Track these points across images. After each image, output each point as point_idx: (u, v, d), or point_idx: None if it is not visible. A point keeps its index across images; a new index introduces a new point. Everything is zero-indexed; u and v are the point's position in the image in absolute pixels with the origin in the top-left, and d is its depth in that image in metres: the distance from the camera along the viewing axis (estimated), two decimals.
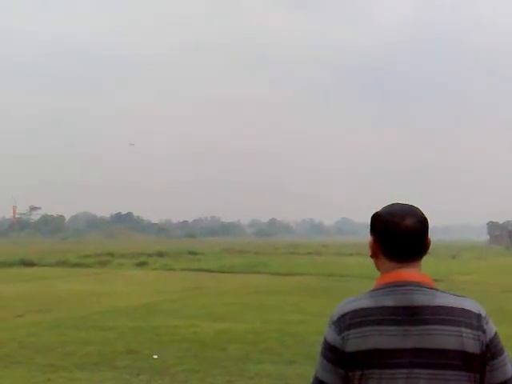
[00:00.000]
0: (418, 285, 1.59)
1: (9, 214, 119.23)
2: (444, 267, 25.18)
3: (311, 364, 1.73)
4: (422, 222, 1.65)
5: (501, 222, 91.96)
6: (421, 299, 1.56)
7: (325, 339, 1.62)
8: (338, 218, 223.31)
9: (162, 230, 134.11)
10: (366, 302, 1.59)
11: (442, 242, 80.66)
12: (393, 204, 1.70)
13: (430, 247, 1.72)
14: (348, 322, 1.57)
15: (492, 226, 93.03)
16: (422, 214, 1.67)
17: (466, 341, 1.51)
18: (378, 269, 1.69)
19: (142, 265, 29.84)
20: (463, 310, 1.56)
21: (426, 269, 1.68)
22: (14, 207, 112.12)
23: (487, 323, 1.56)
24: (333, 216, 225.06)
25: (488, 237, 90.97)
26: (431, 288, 1.60)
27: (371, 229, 1.70)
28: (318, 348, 1.66)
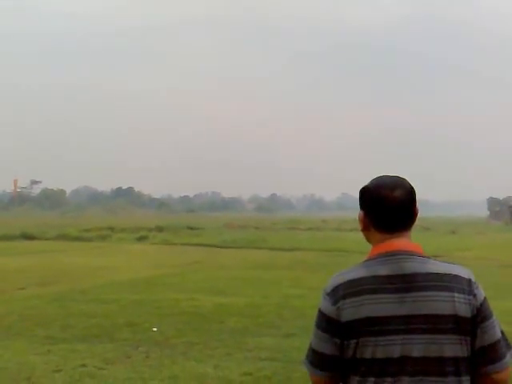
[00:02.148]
0: (410, 253, 1.63)
1: (10, 188, 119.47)
2: (443, 243, 25.31)
3: (309, 337, 1.73)
4: (410, 193, 1.68)
5: (501, 197, 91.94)
6: (413, 267, 1.60)
7: (319, 310, 1.66)
8: (338, 193, 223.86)
9: (162, 204, 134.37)
10: (359, 273, 1.62)
11: (441, 217, 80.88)
12: (380, 176, 1.72)
13: (430, 223, 1.74)
14: (342, 292, 1.60)
15: (492, 202, 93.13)
16: (410, 184, 1.70)
17: (458, 305, 1.56)
18: (369, 241, 1.73)
19: (142, 239, 29.98)
20: (454, 275, 1.60)
21: (425, 244, 1.68)
22: (15, 181, 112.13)
23: (477, 288, 1.62)
24: (333, 191, 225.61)
25: (488, 212, 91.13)
26: (422, 256, 1.64)
27: (360, 202, 1.73)
28: (314, 320, 1.66)
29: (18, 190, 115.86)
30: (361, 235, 1.78)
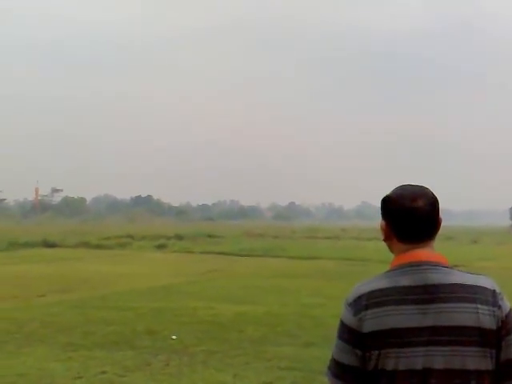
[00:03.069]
0: (433, 264, 1.60)
1: (31, 196, 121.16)
2: (465, 253, 24.97)
3: (329, 347, 1.71)
4: (433, 203, 1.65)
5: None
6: (436, 277, 1.57)
7: (341, 321, 1.64)
8: (358, 202, 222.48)
9: (181, 212, 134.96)
10: (381, 283, 1.60)
11: (463, 227, 79.90)
12: (402, 186, 1.70)
13: (451, 232, 1.72)
14: (364, 303, 1.58)
15: None
16: (432, 194, 1.67)
17: (482, 317, 1.53)
18: (392, 251, 1.70)
19: (161, 247, 30.11)
20: (478, 286, 1.57)
21: (446, 254, 1.66)
22: (37, 189, 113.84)
23: (502, 299, 1.58)
24: (353, 200, 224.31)
25: (510, 222, 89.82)
26: (445, 266, 1.61)
27: (382, 212, 1.70)
28: (336, 331, 1.66)
29: (39, 198, 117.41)
30: (381, 244, 1.76)
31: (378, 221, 1.73)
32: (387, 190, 1.70)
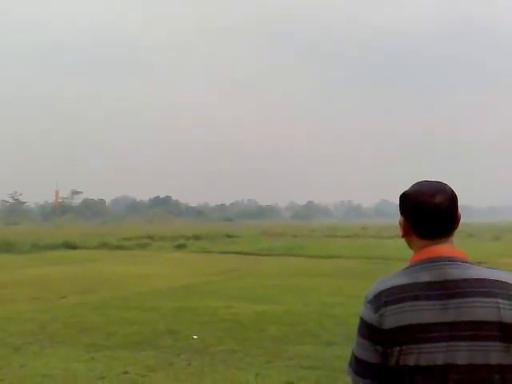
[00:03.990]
0: (452, 259, 1.59)
1: (52, 199, 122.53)
2: (487, 249, 24.70)
3: (350, 346, 1.71)
4: (451, 198, 1.64)
5: None
6: (456, 273, 1.56)
7: (361, 318, 1.64)
8: (377, 199, 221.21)
9: (199, 213, 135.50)
10: (401, 279, 1.60)
11: (484, 223, 78.98)
12: (421, 182, 1.70)
13: (472, 229, 1.71)
14: (384, 299, 1.58)
15: None
16: (451, 189, 1.66)
17: (503, 311, 1.52)
18: (411, 247, 1.70)
19: (180, 247, 30.26)
20: (498, 281, 1.56)
21: (468, 251, 1.65)
22: (57, 192, 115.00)
23: None
24: (372, 198, 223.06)
25: None
26: (465, 262, 1.60)
27: (401, 208, 1.70)
28: (356, 328, 1.65)
29: (60, 201, 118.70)
30: (401, 242, 1.76)
31: (397, 218, 1.73)
32: (406, 187, 1.70)
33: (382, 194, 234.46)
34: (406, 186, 1.70)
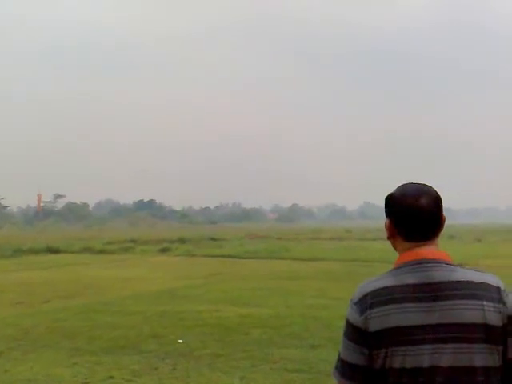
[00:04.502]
0: (437, 261, 1.60)
1: (34, 203, 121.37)
2: (469, 251, 24.93)
3: (335, 348, 1.72)
4: (436, 201, 1.66)
5: None
6: (441, 275, 1.58)
7: (347, 320, 1.64)
8: (360, 202, 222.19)
9: (183, 216, 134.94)
10: (387, 281, 1.60)
11: (466, 225, 79.75)
12: (405, 184, 1.70)
13: (454, 231, 1.72)
14: (370, 301, 1.58)
15: None
16: (436, 192, 1.68)
17: (488, 314, 1.53)
18: (396, 249, 1.71)
19: (164, 251, 30.11)
20: (483, 283, 1.57)
21: (450, 253, 1.67)
22: (39, 195, 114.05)
23: (507, 296, 1.58)
24: (355, 201, 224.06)
25: None
26: (450, 264, 1.61)
27: (386, 210, 1.71)
28: (342, 330, 1.66)
29: (42, 205, 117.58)
30: (385, 245, 1.77)
31: (381, 221, 1.74)
32: (390, 190, 1.71)
33: (365, 196, 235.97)
34: (389, 189, 1.71)
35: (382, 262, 18.45)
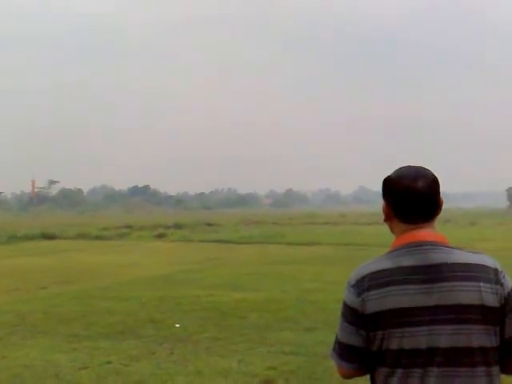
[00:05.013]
0: (435, 243, 1.62)
1: (28, 189, 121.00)
2: (463, 234, 25.08)
3: (331, 331, 1.74)
4: (434, 183, 1.67)
5: None
6: (438, 257, 1.59)
7: (344, 302, 1.65)
8: (355, 187, 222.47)
9: (178, 202, 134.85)
10: (384, 264, 1.62)
11: (461, 209, 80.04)
12: (403, 167, 1.71)
13: (449, 215, 1.74)
14: (367, 283, 1.60)
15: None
16: (433, 174, 1.69)
17: (485, 295, 1.55)
18: (393, 232, 1.72)
19: (160, 237, 30.15)
20: (480, 265, 1.59)
21: (446, 236, 1.67)
22: (33, 181, 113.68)
23: (504, 277, 1.60)
24: (350, 185, 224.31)
25: (508, 203, 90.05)
26: (447, 246, 1.63)
27: (383, 193, 1.72)
28: (338, 314, 1.68)
29: (36, 191, 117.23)
30: (380, 228, 1.78)
31: (375, 205, 1.76)
32: (384, 174, 1.72)
33: (359, 181, 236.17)
34: (384, 173, 1.72)
35: (376, 246, 18.54)
